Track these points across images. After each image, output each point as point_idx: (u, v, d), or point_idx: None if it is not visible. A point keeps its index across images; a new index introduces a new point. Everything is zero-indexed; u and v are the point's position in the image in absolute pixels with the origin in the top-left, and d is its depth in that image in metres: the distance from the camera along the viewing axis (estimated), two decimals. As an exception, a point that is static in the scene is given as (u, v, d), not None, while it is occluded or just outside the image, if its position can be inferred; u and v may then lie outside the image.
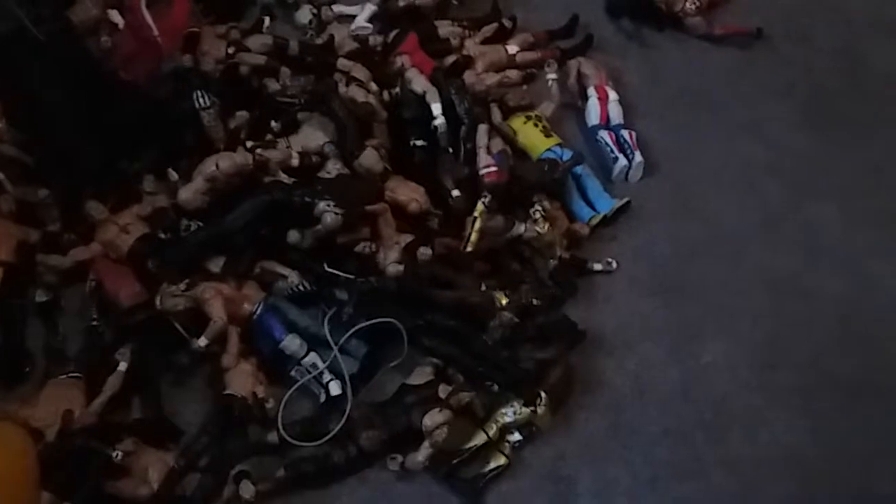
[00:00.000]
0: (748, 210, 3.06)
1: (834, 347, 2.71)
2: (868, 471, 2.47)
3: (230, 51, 3.01)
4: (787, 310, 2.80)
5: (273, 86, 2.99)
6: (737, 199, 3.09)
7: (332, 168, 2.71)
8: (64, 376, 2.37)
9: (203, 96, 2.74)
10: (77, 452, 2.15)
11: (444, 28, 3.38)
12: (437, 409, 2.34)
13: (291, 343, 2.45)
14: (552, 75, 3.23)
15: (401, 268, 2.56)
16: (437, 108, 2.88)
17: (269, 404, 2.38)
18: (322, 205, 2.48)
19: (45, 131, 2.73)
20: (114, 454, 2.15)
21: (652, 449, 2.50)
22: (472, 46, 3.35)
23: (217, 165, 2.54)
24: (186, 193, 2.55)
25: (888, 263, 2.90)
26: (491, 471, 2.38)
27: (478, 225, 2.65)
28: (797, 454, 2.49)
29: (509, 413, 2.42)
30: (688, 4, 3.54)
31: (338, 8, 3.43)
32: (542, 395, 2.43)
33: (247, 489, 2.18)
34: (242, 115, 2.81)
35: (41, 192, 2.66)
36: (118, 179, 2.75)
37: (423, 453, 2.32)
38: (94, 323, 2.51)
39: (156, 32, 2.93)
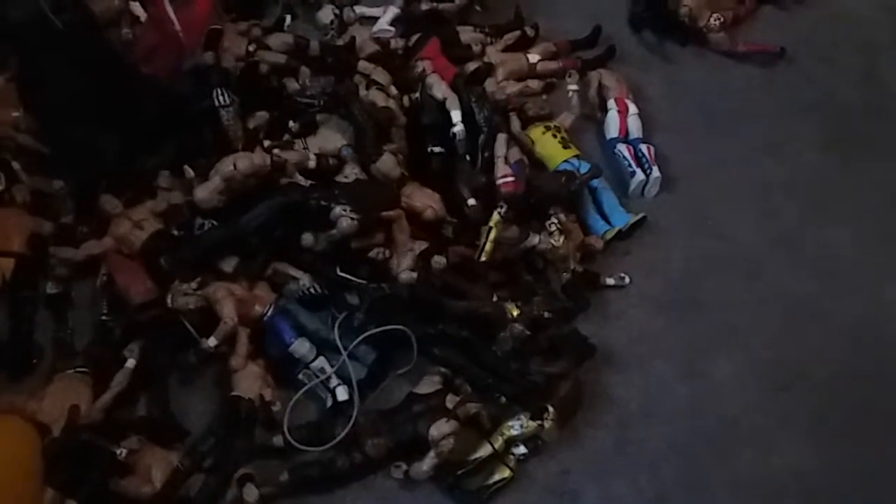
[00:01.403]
0: (764, 229, 3.03)
1: (846, 371, 2.69)
2: (875, 497, 2.44)
3: (251, 48, 3.01)
4: (799, 331, 2.78)
5: (292, 86, 2.98)
6: (753, 217, 3.06)
7: (350, 172, 2.70)
8: (71, 371, 2.37)
9: (223, 94, 2.74)
10: (82, 449, 2.14)
11: (466, 34, 3.35)
12: (444, 420, 2.33)
13: (301, 346, 2.44)
14: (573, 86, 3.22)
15: (414, 275, 2.55)
16: (456, 115, 2.87)
17: (276, 407, 2.37)
18: (338, 209, 2.47)
19: (62, 122, 2.72)
20: (118, 452, 2.15)
21: (659, 466, 2.48)
22: (493, 54, 3.34)
23: (235, 165, 2.53)
24: (203, 192, 2.54)
25: (900, 287, 2.89)
26: (495, 483, 2.37)
27: (493, 235, 2.63)
28: (805, 478, 2.47)
29: (516, 426, 2.41)
30: (712, 20, 3.51)
31: (360, 9, 3.41)
32: (550, 408, 2.41)
33: (250, 493, 2.17)
34: (262, 115, 2.81)
35: (56, 184, 2.66)
36: (134, 174, 2.75)
37: (428, 463, 2.31)
38: (104, 318, 2.51)
39: (178, 27, 2.92)
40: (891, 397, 2.64)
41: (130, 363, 2.34)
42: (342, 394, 2.42)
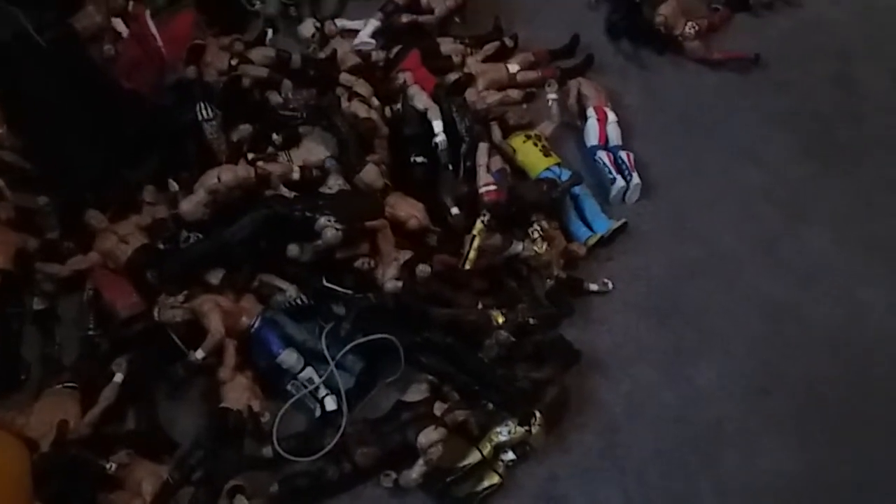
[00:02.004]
0: (744, 234, 3.08)
1: (826, 373, 2.73)
2: (858, 498, 2.48)
3: (233, 62, 3.03)
4: (780, 334, 2.82)
5: (275, 99, 3.00)
6: (733, 222, 3.11)
7: (334, 183, 2.72)
8: (59, 386, 2.36)
9: (206, 108, 2.76)
10: (71, 464, 2.14)
11: (447, 45, 3.41)
12: (432, 427, 2.35)
13: (288, 357, 2.45)
14: (552, 95, 3.26)
15: (399, 284, 2.57)
16: (438, 126, 2.90)
17: (265, 418, 2.37)
18: (323, 220, 2.49)
19: (45, 138, 2.73)
20: (107, 466, 2.15)
21: (644, 472, 2.50)
22: (473, 64, 3.39)
23: (219, 178, 2.54)
24: (188, 205, 2.55)
25: (879, 290, 2.94)
26: (484, 490, 2.39)
27: (476, 243, 2.66)
28: (790, 481, 2.50)
29: (504, 432, 2.42)
30: (687, 28, 3.58)
31: (341, 22, 3.46)
32: (537, 414, 2.43)
33: (241, 504, 2.18)
34: (245, 128, 2.83)
35: (40, 200, 2.67)
36: (118, 189, 2.76)
37: (417, 471, 2.32)
38: (91, 333, 2.51)
39: (159, 42, 2.93)
40: (870, 397, 2.68)
41: (118, 377, 2.34)
42: (330, 404, 2.43)
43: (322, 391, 2.45)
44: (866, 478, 2.51)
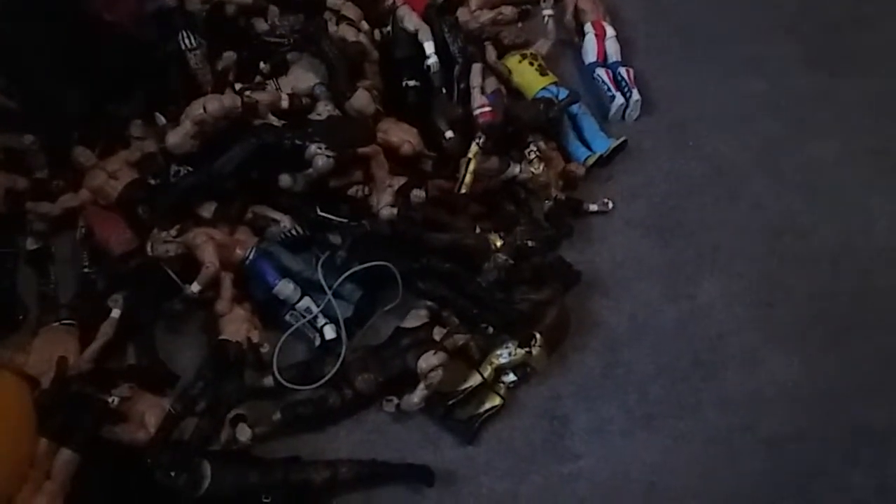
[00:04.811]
0: (747, 148, 3.02)
1: (828, 285, 2.72)
2: (861, 406, 2.48)
3: (217, -11, 2.93)
4: (783, 248, 2.79)
5: (261, 26, 2.90)
6: (736, 136, 3.04)
7: (323, 110, 2.65)
8: (57, 323, 2.36)
9: (189, 37, 2.68)
10: (73, 399, 2.15)
11: (437, -37, 3.27)
12: (431, 352, 2.34)
13: (285, 288, 2.43)
14: (548, 11, 3.16)
15: (394, 211, 2.53)
16: (429, 47, 2.81)
17: (265, 349, 2.37)
18: (313, 147, 2.44)
19: (28, 76, 2.66)
20: (110, 400, 2.16)
21: (647, 387, 2.51)
22: (466, -18, 3.26)
23: (205, 108, 2.48)
24: (174, 138, 2.50)
25: (884, 202, 2.89)
26: (486, 411, 2.40)
27: (472, 167, 2.61)
28: (792, 390, 2.51)
29: (504, 354, 2.43)
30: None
31: (327, -57, 3.31)
32: (537, 336, 2.42)
33: (243, 432, 2.19)
34: (230, 55, 2.74)
35: (27, 139, 2.61)
36: (105, 125, 2.70)
37: (418, 395, 2.33)
38: (86, 270, 2.50)
39: (139, -29, 2.83)
40: (871, 309, 2.67)
41: (115, 313, 2.34)
42: (330, 332, 2.43)
43: (321, 320, 2.44)
44: (867, 385, 2.51)
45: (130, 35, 2.78)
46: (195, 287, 2.35)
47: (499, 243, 2.56)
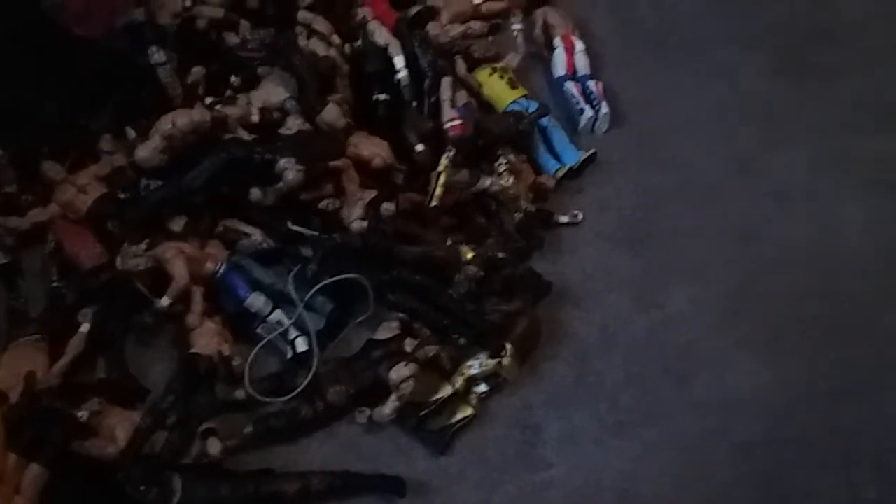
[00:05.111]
0: (717, 157, 3.05)
1: (800, 292, 2.74)
2: (830, 409, 2.51)
3: (187, 4, 2.94)
4: (754, 255, 2.82)
5: (232, 40, 2.92)
6: (705, 146, 3.08)
7: (293, 124, 2.67)
8: (26, 339, 2.35)
9: (158, 51, 2.69)
10: (42, 414, 2.14)
11: (408, -22, 3.31)
12: (403, 363, 2.36)
13: (256, 301, 2.44)
14: (518, 26, 3.19)
15: (365, 224, 2.55)
16: (399, 62, 2.85)
17: (236, 362, 2.37)
18: (283, 161, 2.46)
19: (-3, 90, 2.67)
20: (79, 414, 2.15)
21: (618, 396, 2.52)
22: (436, -4, 3.30)
23: (174, 123, 2.49)
24: (143, 152, 2.51)
25: (851, 209, 2.93)
26: (458, 421, 2.41)
27: (442, 179, 2.63)
28: (762, 396, 2.53)
29: (475, 365, 2.44)
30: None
31: (298, -42, 3.34)
32: (508, 346, 2.44)
33: (213, 446, 2.19)
34: (199, 70, 2.76)
35: (-5, 153, 2.61)
36: (75, 138, 2.70)
37: (390, 406, 2.34)
38: (56, 285, 2.49)
39: (110, -15, 2.85)
40: (842, 314, 2.70)
41: (85, 327, 2.33)
42: (301, 345, 2.43)
43: (292, 333, 2.45)
44: (837, 390, 2.54)
45: (101, 49, 2.80)
46: (165, 301, 2.35)
47: (469, 255, 2.57)
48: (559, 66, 3.18)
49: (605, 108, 3.07)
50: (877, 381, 2.55)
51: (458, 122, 2.81)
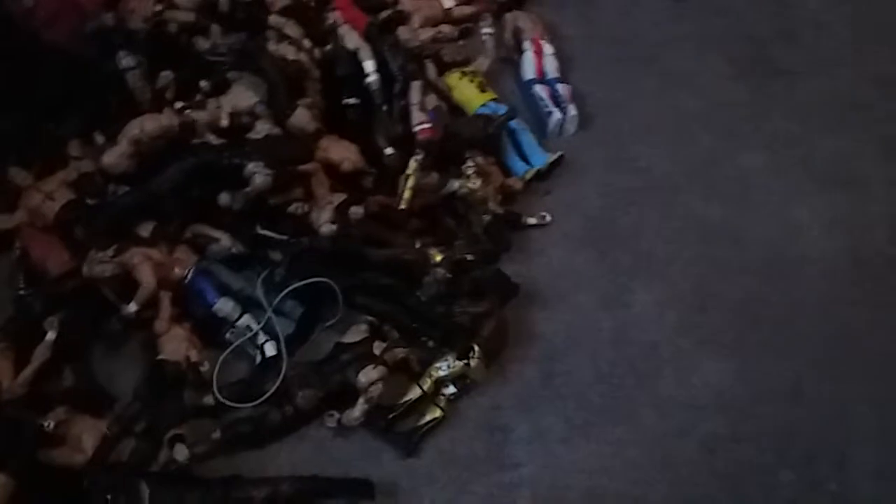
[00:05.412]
0: (679, 160, 3.11)
1: (760, 292, 2.80)
2: (791, 407, 2.56)
3: (157, 8, 2.93)
4: (715, 256, 2.87)
5: (202, 44, 2.91)
6: (668, 149, 3.14)
7: (262, 128, 2.67)
8: (-8, 347, 2.34)
9: (127, 56, 2.68)
10: (8, 423, 2.13)
11: (379, -18, 3.32)
12: (371, 366, 2.37)
13: (224, 306, 2.44)
14: (488, 30, 3.23)
15: (334, 227, 2.56)
16: (369, 66, 2.86)
17: (204, 367, 2.38)
18: (251, 166, 2.46)
19: (-38, 96, 2.65)
20: (45, 424, 2.14)
21: (585, 395, 2.56)
22: (407, 1, 3.31)
23: (142, 128, 2.49)
24: (111, 157, 2.50)
25: (810, 209, 3.00)
26: (427, 423, 2.43)
27: (411, 182, 2.66)
28: (725, 394, 2.57)
29: (443, 367, 2.46)
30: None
31: (268, -38, 3.34)
32: (476, 348, 2.46)
33: (181, 452, 2.19)
34: (167, 75, 2.75)
35: (-39, 160, 2.59)
36: (42, 144, 2.69)
37: (359, 409, 2.35)
38: (22, 292, 2.47)
39: (79, -10, 2.83)
40: (802, 314, 2.76)
41: (50, 335, 2.32)
42: (270, 349, 2.44)
43: (261, 338, 2.46)
44: (797, 388, 2.59)
45: (69, 54, 2.78)
46: (132, 307, 2.35)
47: (438, 258, 2.60)
48: (528, 70, 3.23)
49: (572, 111, 3.11)
50: (836, 378, 2.60)
51: (427, 125, 2.83)
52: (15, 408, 2.18)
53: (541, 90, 3.17)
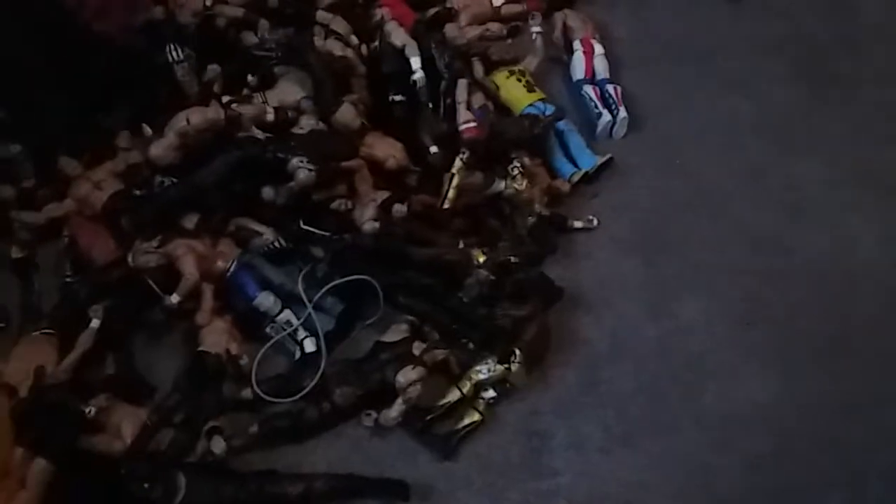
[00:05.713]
0: (731, 166, 3.03)
1: (810, 305, 2.71)
2: (837, 424, 2.48)
3: (208, 2, 2.95)
4: (765, 267, 2.79)
5: (250, 39, 2.93)
6: (720, 155, 3.06)
7: (306, 123, 2.67)
8: (37, 332, 2.37)
9: (176, 49, 2.70)
10: (50, 408, 2.16)
11: (427, -22, 3.30)
12: (410, 367, 2.35)
13: (265, 300, 2.44)
14: (537, 28, 3.18)
15: (376, 225, 2.54)
16: (416, 63, 2.84)
17: (244, 361, 2.38)
18: (295, 161, 2.46)
19: (16, 85, 2.68)
20: (87, 410, 2.17)
21: (626, 405, 2.50)
22: (456, -1, 3.29)
23: (188, 120, 2.50)
24: (157, 149, 2.52)
25: (867, 221, 2.89)
26: (465, 427, 2.40)
27: (455, 182, 2.63)
28: (770, 410, 2.50)
29: (484, 370, 2.43)
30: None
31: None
32: (517, 352, 2.42)
33: (218, 444, 2.19)
34: (214, 68, 2.77)
35: (13, 148, 2.64)
36: (92, 135, 2.72)
37: (396, 409, 2.33)
38: (69, 280, 2.51)
39: (130, -17, 2.86)
40: (852, 328, 2.66)
41: (94, 323, 2.34)
42: (310, 345, 2.43)
43: (301, 333, 2.45)
44: (845, 406, 2.50)
45: (119, 46, 2.81)
46: (174, 298, 2.36)
47: (481, 259, 2.56)
48: (578, 70, 3.17)
49: (622, 113, 3.05)
50: (885, 396, 2.51)
51: (473, 124, 2.80)
52: (58, 394, 2.19)
53: (590, 91, 3.11)
